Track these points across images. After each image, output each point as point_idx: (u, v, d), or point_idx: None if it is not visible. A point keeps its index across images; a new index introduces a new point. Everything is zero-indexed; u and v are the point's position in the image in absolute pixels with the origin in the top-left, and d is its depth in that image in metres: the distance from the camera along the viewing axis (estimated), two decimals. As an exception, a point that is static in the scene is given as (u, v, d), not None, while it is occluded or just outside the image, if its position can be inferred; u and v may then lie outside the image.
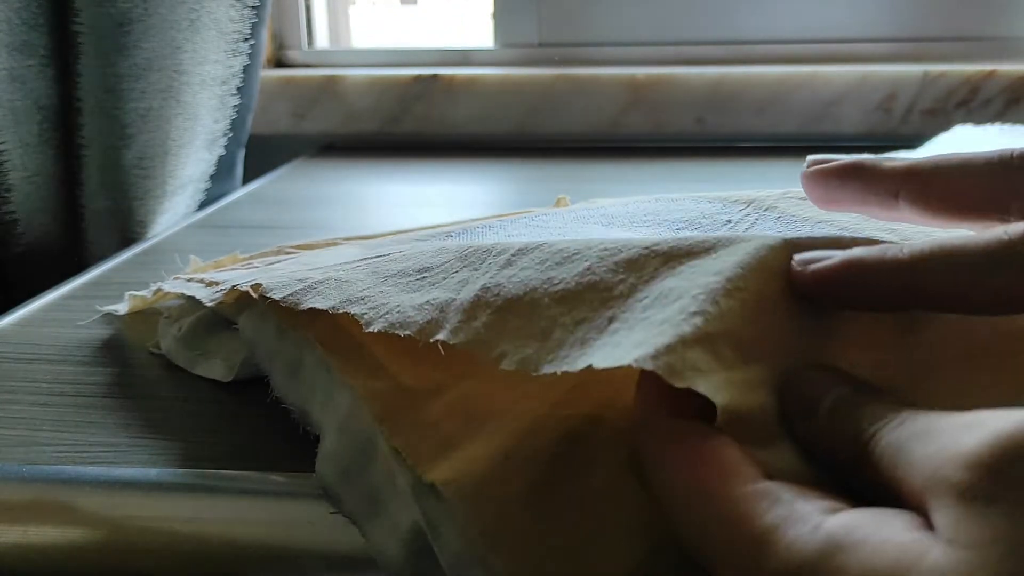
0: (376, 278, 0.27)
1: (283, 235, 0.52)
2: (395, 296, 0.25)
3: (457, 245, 0.27)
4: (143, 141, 0.54)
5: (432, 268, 0.26)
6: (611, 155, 0.78)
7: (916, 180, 0.22)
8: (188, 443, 0.27)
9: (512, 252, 0.24)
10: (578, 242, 0.24)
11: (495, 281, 0.23)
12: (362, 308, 0.25)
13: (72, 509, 0.25)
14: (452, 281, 0.24)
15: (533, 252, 0.24)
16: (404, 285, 0.26)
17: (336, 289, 0.26)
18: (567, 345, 0.20)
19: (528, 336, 0.21)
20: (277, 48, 0.92)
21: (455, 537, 0.20)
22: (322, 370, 0.26)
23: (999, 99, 0.76)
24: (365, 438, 0.23)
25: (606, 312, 0.21)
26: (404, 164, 0.77)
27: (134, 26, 0.51)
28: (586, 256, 0.23)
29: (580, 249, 0.23)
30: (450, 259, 0.26)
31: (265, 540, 0.24)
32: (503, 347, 0.21)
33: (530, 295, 0.22)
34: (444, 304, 0.23)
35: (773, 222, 0.35)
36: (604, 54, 0.88)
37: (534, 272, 0.23)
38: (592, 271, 0.22)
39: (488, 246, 0.26)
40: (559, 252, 0.23)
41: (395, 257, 0.28)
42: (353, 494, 0.23)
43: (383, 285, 0.26)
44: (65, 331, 0.36)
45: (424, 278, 0.26)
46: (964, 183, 0.21)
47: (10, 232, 0.52)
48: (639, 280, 0.21)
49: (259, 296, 0.28)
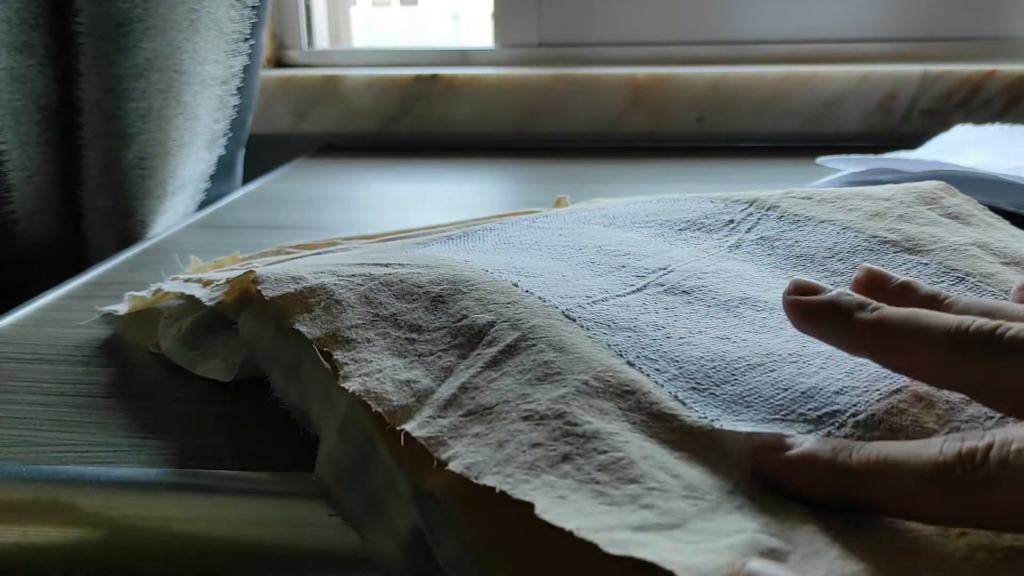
0: (368, 309, 0.27)
1: (283, 235, 0.52)
2: (379, 354, 0.25)
3: (455, 301, 0.27)
4: (143, 141, 0.54)
5: (423, 329, 0.26)
6: (611, 155, 0.78)
7: (880, 339, 0.23)
8: (188, 443, 0.27)
9: (501, 348, 0.24)
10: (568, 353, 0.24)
11: (474, 383, 0.23)
12: (345, 355, 0.25)
13: (72, 509, 0.25)
14: (437, 366, 0.24)
15: (521, 355, 0.24)
16: (392, 341, 0.26)
17: (326, 311, 0.26)
18: (514, 464, 0.20)
19: (484, 444, 0.21)
20: (277, 48, 0.92)
21: (455, 543, 0.20)
22: (321, 372, 0.26)
23: (999, 99, 0.76)
24: (364, 440, 0.23)
25: (563, 447, 0.21)
26: (404, 164, 0.77)
27: (134, 26, 0.51)
28: (566, 381, 0.23)
29: (563, 369, 0.23)
30: (443, 326, 0.26)
31: (265, 540, 0.24)
32: (457, 449, 0.21)
33: (501, 406, 0.22)
34: (423, 393, 0.23)
35: (775, 221, 0.35)
36: (604, 54, 0.88)
37: (513, 382, 0.23)
38: (565, 400, 0.22)
39: (483, 325, 0.26)
40: (544, 365, 0.23)
41: (391, 281, 0.28)
42: (352, 497, 0.23)
43: (371, 330, 0.26)
44: (65, 331, 0.36)
45: (412, 341, 0.26)
46: (920, 354, 0.22)
47: (10, 232, 0.52)
48: (602, 424, 0.21)
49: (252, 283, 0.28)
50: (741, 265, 0.32)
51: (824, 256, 0.32)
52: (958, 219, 0.35)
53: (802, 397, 0.23)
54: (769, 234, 0.34)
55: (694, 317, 0.27)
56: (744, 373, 0.24)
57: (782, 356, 0.25)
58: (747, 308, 0.28)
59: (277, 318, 0.27)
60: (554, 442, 0.21)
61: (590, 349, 0.24)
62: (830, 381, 0.24)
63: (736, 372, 0.24)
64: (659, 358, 0.25)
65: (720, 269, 0.31)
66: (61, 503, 0.25)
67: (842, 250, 0.32)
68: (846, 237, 0.33)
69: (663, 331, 0.26)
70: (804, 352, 0.25)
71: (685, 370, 0.24)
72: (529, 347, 0.24)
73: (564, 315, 0.26)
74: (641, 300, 0.28)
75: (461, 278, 0.28)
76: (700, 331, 0.26)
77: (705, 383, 0.24)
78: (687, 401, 0.23)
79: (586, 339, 0.25)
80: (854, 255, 0.32)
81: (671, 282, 0.30)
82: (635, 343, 0.25)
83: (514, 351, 0.24)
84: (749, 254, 0.33)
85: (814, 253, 0.32)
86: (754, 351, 0.25)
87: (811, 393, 0.24)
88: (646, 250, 0.33)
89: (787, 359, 0.25)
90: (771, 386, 0.24)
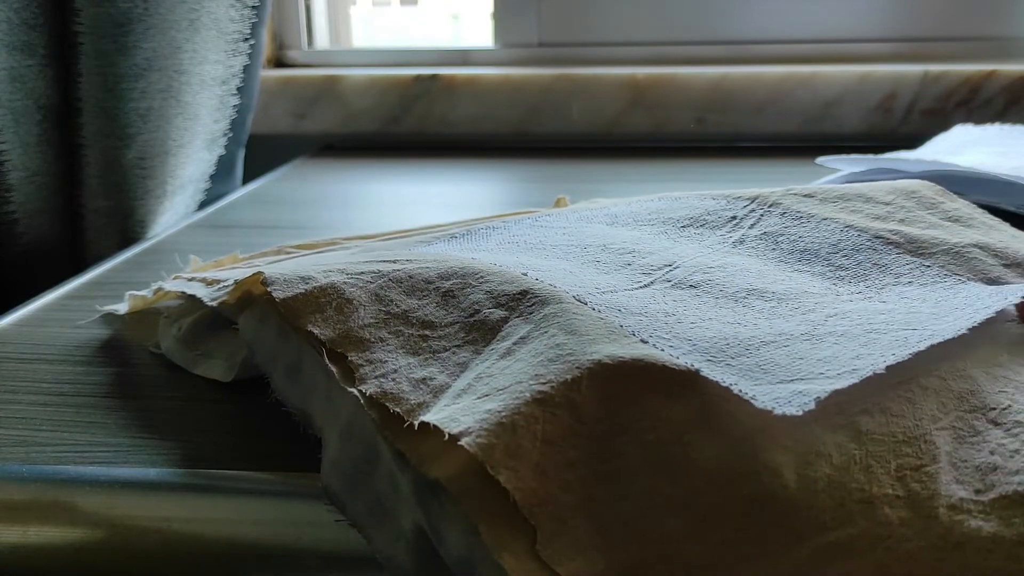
0: (379, 307, 0.27)
1: (283, 235, 0.52)
2: (394, 353, 0.25)
3: (465, 295, 0.27)
4: (143, 141, 0.54)
5: (436, 325, 0.26)
6: (611, 155, 0.78)
7: None
8: (188, 443, 0.27)
9: (515, 340, 0.24)
10: (581, 335, 0.24)
11: (489, 372, 0.23)
12: (360, 357, 0.25)
13: (72, 509, 0.25)
14: (452, 362, 0.25)
15: (534, 342, 0.24)
16: (405, 339, 0.26)
17: (338, 311, 0.26)
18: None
19: (496, 422, 0.21)
20: (277, 48, 0.92)
21: (458, 538, 0.20)
22: (322, 373, 0.25)
23: (999, 99, 0.76)
24: (368, 444, 0.23)
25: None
26: (404, 164, 0.77)
27: (134, 26, 0.51)
28: (579, 362, 0.22)
29: (575, 350, 0.23)
30: (456, 321, 0.26)
31: (265, 540, 0.24)
32: (468, 424, 0.21)
33: (514, 387, 0.22)
34: (439, 389, 0.23)
35: (778, 217, 0.35)
36: (604, 54, 0.88)
37: (526, 364, 0.23)
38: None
39: (496, 320, 0.26)
40: (556, 347, 0.23)
41: (400, 277, 0.28)
42: (358, 501, 0.23)
43: (384, 329, 0.26)
44: (65, 331, 0.36)
45: (426, 338, 0.26)
46: None
47: (10, 232, 0.52)
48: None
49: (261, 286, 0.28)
50: (746, 259, 0.32)
51: (828, 252, 0.32)
52: (959, 222, 0.35)
53: (819, 363, 0.23)
54: (772, 230, 0.34)
55: (703, 307, 0.27)
56: (758, 348, 0.24)
57: (794, 335, 0.25)
58: (755, 299, 0.28)
59: (284, 319, 0.27)
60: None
61: (602, 330, 0.24)
62: (845, 352, 0.24)
63: (750, 347, 0.24)
64: (672, 337, 0.24)
65: (726, 263, 0.31)
66: (61, 503, 0.25)
67: (846, 247, 0.32)
68: (849, 235, 0.33)
69: (674, 317, 0.26)
70: (817, 332, 0.25)
71: (699, 346, 0.24)
72: (542, 333, 0.24)
73: (575, 299, 0.26)
74: (650, 294, 0.28)
75: (470, 271, 0.28)
76: (710, 318, 0.26)
77: (720, 356, 0.24)
78: (703, 370, 0.22)
79: (598, 320, 0.24)
80: (858, 252, 0.32)
81: (678, 277, 0.30)
82: (647, 325, 0.25)
83: (527, 340, 0.24)
84: (753, 249, 0.33)
85: (818, 249, 0.32)
86: (766, 332, 0.25)
87: (828, 360, 0.23)
88: (651, 247, 0.33)
89: (800, 337, 0.25)
90: (787, 356, 0.24)
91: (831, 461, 0.20)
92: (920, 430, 0.22)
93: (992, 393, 0.24)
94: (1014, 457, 0.21)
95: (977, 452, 0.21)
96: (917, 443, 0.21)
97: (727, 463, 0.20)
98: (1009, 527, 0.19)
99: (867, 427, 0.22)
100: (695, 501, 0.20)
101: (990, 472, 0.21)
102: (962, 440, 0.22)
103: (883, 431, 0.22)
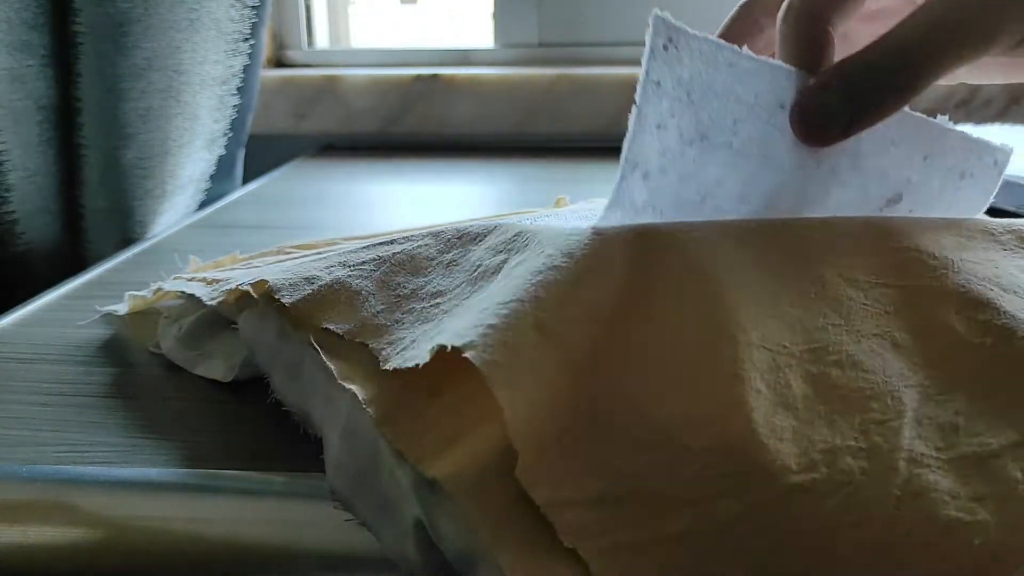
0: (388, 292, 0.27)
1: (283, 235, 0.52)
2: (411, 327, 0.25)
3: (467, 258, 0.27)
4: (143, 141, 0.54)
5: (445, 292, 0.26)
6: (611, 155, 0.78)
7: None
8: (188, 443, 0.27)
9: (514, 264, 0.25)
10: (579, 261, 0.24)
11: (489, 291, 0.24)
12: (379, 342, 0.25)
13: (72, 509, 0.25)
14: (463, 309, 0.25)
15: (532, 260, 0.24)
16: (419, 313, 0.26)
17: (348, 304, 0.26)
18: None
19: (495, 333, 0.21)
20: (277, 48, 0.92)
21: (456, 534, 0.20)
22: (322, 373, 0.26)
23: (999, 99, 0.76)
24: (370, 444, 0.23)
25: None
26: (404, 164, 0.77)
27: (134, 26, 0.51)
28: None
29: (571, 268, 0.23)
30: (463, 281, 0.26)
31: (265, 540, 0.24)
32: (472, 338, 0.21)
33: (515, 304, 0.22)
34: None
35: None
36: (604, 54, 0.88)
37: (523, 281, 0.23)
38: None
39: (498, 263, 0.26)
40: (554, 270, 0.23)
41: (402, 260, 0.28)
42: (364, 500, 0.23)
43: (397, 311, 0.26)
44: (65, 331, 0.36)
45: (438, 305, 0.26)
46: None
47: (10, 232, 0.52)
48: None
49: (265, 295, 0.28)
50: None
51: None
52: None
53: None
54: None
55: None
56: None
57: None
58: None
59: (297, 321, 0.27)
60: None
61: None
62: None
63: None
64: None
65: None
66: (61, 503, 0.25)
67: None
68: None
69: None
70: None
71: None
72: (540, 252, 0.24)
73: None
74: None
75: (468, 236, 0.28)
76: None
77: None
78: None
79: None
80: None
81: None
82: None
83: (526, 261, 0.24)
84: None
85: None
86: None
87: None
88: None
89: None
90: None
91: (797, 415, 0.21)
92: (889, 386, 0.22)
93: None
94: (976, 420, 0.22)
95: (943, 411, 0.22)
96: (884, 399, 0.22)
97: (699, 407, 0.21)
98: (965, 485, 0.20)
99: (837, 380, 0.22)
100: (667, 442, 0.20)
101: (952, 432, 0.21)
102: (929, 398, 0.22)
103: (852, 386, 0.22)
